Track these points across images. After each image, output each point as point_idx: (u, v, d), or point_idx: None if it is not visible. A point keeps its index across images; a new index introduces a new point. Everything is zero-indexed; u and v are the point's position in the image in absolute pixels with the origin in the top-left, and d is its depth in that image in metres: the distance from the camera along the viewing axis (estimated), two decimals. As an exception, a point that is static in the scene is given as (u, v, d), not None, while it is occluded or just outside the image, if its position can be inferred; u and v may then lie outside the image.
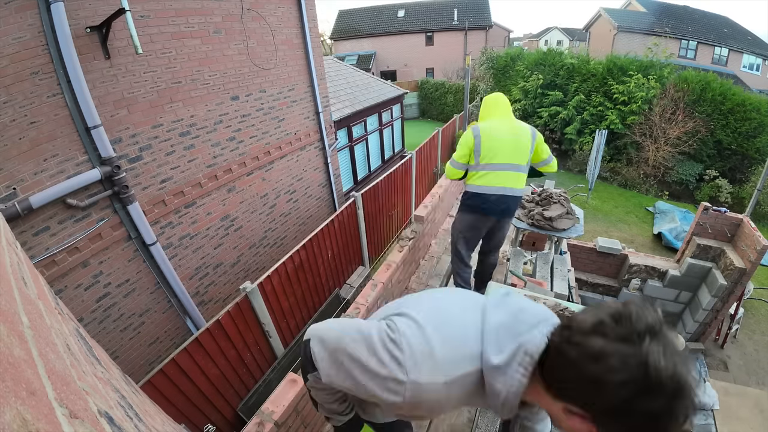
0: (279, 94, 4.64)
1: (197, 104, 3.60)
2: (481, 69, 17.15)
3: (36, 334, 0.42)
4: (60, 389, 0.39)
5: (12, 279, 0.47)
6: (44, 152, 2.53)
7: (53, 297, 0.72)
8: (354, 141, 8.20)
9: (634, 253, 5.78)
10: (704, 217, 5.06)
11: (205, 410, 2.88)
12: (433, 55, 21.93)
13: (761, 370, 5.18)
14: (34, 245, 2.54)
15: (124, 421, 0.58)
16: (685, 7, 20.57)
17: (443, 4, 22.42)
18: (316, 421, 1.95)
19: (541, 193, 3.25)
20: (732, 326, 5.50)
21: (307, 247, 3.78)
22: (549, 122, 13.82)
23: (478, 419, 1.68)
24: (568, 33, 33.73)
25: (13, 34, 2.29)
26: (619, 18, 19.10)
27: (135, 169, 3.15)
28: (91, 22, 2.67)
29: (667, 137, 11.43)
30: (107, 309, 3.07)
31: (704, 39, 17.99)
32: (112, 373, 0.78)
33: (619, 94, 12.24)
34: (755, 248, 4.44)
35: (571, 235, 2.98)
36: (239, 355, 3.13)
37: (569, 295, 3.02)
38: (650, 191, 11.49)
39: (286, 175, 5.03)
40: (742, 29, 19.95)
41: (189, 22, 3.39)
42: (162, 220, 3.47)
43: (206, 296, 4.09)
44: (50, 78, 2.50)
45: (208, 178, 3.84)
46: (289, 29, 4.68)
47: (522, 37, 42.53)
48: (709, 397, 4.47)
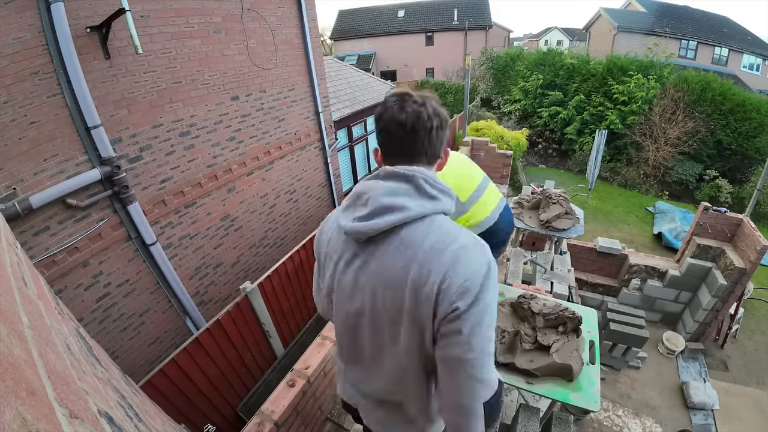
0: (279, 94, 4.64)
1: (197, 104, 3.60)
2: (481, 69, 17.16)
3: (36, 334, 0.42)
4: (60, 389, 0.39)
5: (12, 279, 0.47)
6: (44, 152, 2.53)
7: (53, 297, 0.72)
8: (354, 141, 8.20)
9: (634, 253, 5.78)
10: (704, 217, 5.06)
11: (205, 410, 2.88)
12: (433, 55, 21.93)
13: (761, 370, 5.17)
14: (34, 245, 2.54)
15: (124, 421, 0.58)
16: (685, 7, 20.57)
17: (443, 4, 22.41)
18: (316, 421, 1.95)
19: (541, 194, 3.25)
20: (732, 326, 5.50)
21: (307, 247, 3.78)
22: (549, 122, 13.82)
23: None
24: (568, 33, 33.73)
25: (13, 34, 2.29)
26: (619, 18, 19.10)
27: (135, 169, 3.15)
28: (91, 22, 2.66)
29: (667, 137, 11.43)
30: (107, 309, 3.07)
31: (704, 39, 17.99)
32: (112, 373, 0.78)
33: (619, 94, 12.24)
34: (755, 248, 4.44)
35: (571, 235, 2.98)
36: (239, 355, 3.13)
37: (569, 295, 3.02)
38: (650, 191, 11.49)
39: (286, 175, 5.03)
40: (742, 29, 19.94)
41: (189, 22, 3.39)
42: (162, 220, 3.47)
43: (206, 296, 4.09)
44: (50, 78, 2.50)
45: (208, 178, 3.84)
46: (289, 29, 4.68)
47: (522, 37, 42.53)
48: (709, 397, 4.47)
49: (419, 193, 0.81)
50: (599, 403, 1.42)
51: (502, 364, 1.54)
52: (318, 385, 1.87)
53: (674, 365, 5.09)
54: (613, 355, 4.83)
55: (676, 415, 4.44)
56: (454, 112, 15.95)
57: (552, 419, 1.66)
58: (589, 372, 1.51)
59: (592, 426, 2.59)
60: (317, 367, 1.81)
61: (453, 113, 15.79)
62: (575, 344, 1.57)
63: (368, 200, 0.82)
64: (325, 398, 1.99)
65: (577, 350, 1.55)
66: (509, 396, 2.25)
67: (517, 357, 1.54)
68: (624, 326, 4.59)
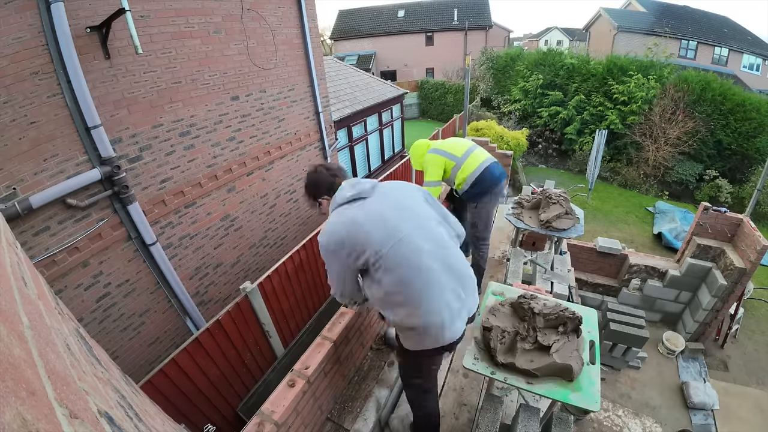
0: (279, 94, 4.64)
1: (197, 104, 3.60)
2: (481, 69, 17.17)
3: (36, 334, 0.42)
4: (60, 389, 0.39)
5: (12, 279, 0.47)
6: (44, 152, 2.53)
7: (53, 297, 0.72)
8: (354, 141, 8.20)
9: (634, 253, 5.78)
10: (704, 217, 5.06)
11: (205, 410, 2.88)
12: (433, 55, 21.93)
13: (761, 370, 5.18)
14: (34, 245, 2.53)
15: (124, 421, 0.58)
16: (685, 7, 20.58)
17: (443, 4, 22.42)
18: (316, 421, 1.96)
19: (541, 194, 3.25)
20: (732, 326, 5.50)
21: (307, 247, 3.78)
22: (549, 122, 13.83)
23: (479, 419, 1.68)
24: (568, 33, 33.74)
25: (13, 34, 2.29)
26: (619, 18, 19.10)
27: (135, 169, 3.15)
28: (91, 22, 2.66)
29: (667, 137, 11.44)
30: (107, 309, 3.07)
31: (704, 39, 18.00)
32: (112, 373, 0.78)
33: (619, 94, 12.24)
34: (755, 248, 4.44)
35: (571, 235, 2.98)
36: (239, 355, 3.13)
37: (569, 295, 3.02)
38: (650, 191, 11.49)
39: (286, 175, 5.03)
40: (742, 29, 19.95)
41: (189, 22, 3.39)
42: (162, 220, 3.47)
43: (206, 296, 4.09)
44: (50, 78, 2.49)
45: (208, 178, 3.84)
46: (289, 29, 4.68)
47: (522, 37, 42.54)
48: (709, 397, 4.47)
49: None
50: (599, 403, 1.42)
51: (502, 364, 1.54)
52: (318, 385, 1.87)
53: (674, 365, 5.09)
54: (613, 355, 4.83)
55: (676, 415, 4.44)
56: (454, 112, 15.96)
57: (552, 419, 1.67)
58: (589, 372, 1.51)
59: (592, 426, 2.59)
60: (317, 367, 1.81)
61: (453, 113, 15.79)
62: (575, 344, 1.57)
63: (356, 185, 1.49)
64: (325, 398, 1.99)
65: (577, 350, 1.55)
66: (509, 396, 2.25)
67: (517, 357, 1.54)
68: (624, 326, 4.59)
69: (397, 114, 10.68)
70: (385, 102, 9.36)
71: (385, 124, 9.77)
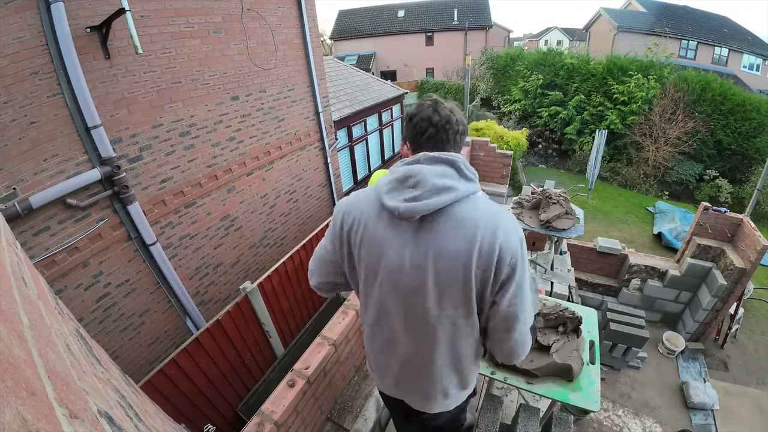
0: (279, 94, 4.64)
1: (197, 104, 3.60)
2: (481, 69, 17.16)
3: (36, 334, 0.42)
4: (60, 389, 0.39)
5: (12, 279, 0.47)
6: (44, 152, 2.53)
7: (53, 297, 0.72)
8: (354, 141, 8.20)
9: (634, 253, 5.78)
10: (704, 217, 5.06)
11: (205, 410, 2.88)
12: (433, 55, 21.92)
13: (761, 370, 5.17)
14: (34, 245, 2.53)
15: (124, 421, 0.58)
16: (685, 7, 20.57)
17: (443, 4, 22.42)
18: (316, 421, 1.96)
19: (541, 194, 3.25)
20: (732, 326, 5.50)
21: (307, 247, 3.78)
22: (549, 122, 13.82)
23: (478, 419, 1.68)
24: (568, 33, 33.72)
25: (13, 34, 2.29)
26: (619, 18, 19.09)
27: (135, 169, 3.15)
28: (91, 22, 2.66)
29: (667, 137, 11.44)
30: (107, 309, 3.07)
31: (704, 39, 17.99)
32: (112, 373, 0.78)
33: (619, 94, 12.24)
34: (755, 248, 4.44)
35: (571, 235, 2.98)
36: (239, 355, 3.13)
37: (569, 295, 3.02)
38: (650, 191, 11.49)
39: (286, 175, 5.03)
40: (742, 29, 19.94)
41: (189, 22, 3.39)
42: (162, 220, 3.47)
43: (206, 296, 4.09)
44: (50, 78, 2.49)
45: (208, 178, 3.84)
46: (289, 29, 4.68)
47: (522, 37, 42.52)
48: (709, 397, 4.47)
49: (460, 175, 0.93)
50: (599, 403, 1.43)
51: (502, 364, 1.54)
52: (318, 385, 1.87)
53: (674, 365, 5.09)
54: (613, 355, 4.83)
55: (676, 415, 4.44)
56: (454, 112, 15.92)
57: (552, 419, 1.66)
58: (589, 372, 1.51)
59: (592, 426, 2.59)
60: (317, 367, 1.81)
61: (453, 113, 15.75)
62: (575, 344, 1.57)
63: (418, 183, 0.90)
64: (325, 398, 1.99)
65: (577, 350, 1.55)
66: (509, 396, 2.25)
67: (517, 357, 1.54)
68: (624, 326, 4.59)
69: (397, 114, 10.68)
70: (385, 102, 9.35)
71: (385, 124, 9.77)
